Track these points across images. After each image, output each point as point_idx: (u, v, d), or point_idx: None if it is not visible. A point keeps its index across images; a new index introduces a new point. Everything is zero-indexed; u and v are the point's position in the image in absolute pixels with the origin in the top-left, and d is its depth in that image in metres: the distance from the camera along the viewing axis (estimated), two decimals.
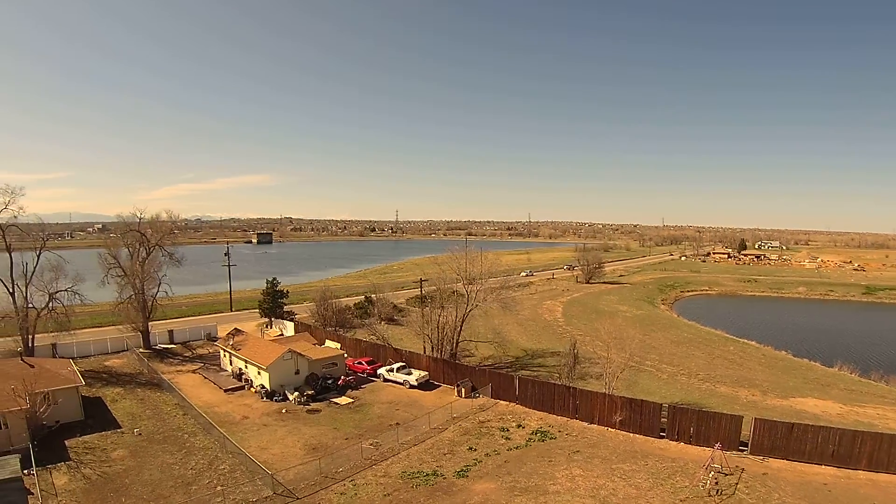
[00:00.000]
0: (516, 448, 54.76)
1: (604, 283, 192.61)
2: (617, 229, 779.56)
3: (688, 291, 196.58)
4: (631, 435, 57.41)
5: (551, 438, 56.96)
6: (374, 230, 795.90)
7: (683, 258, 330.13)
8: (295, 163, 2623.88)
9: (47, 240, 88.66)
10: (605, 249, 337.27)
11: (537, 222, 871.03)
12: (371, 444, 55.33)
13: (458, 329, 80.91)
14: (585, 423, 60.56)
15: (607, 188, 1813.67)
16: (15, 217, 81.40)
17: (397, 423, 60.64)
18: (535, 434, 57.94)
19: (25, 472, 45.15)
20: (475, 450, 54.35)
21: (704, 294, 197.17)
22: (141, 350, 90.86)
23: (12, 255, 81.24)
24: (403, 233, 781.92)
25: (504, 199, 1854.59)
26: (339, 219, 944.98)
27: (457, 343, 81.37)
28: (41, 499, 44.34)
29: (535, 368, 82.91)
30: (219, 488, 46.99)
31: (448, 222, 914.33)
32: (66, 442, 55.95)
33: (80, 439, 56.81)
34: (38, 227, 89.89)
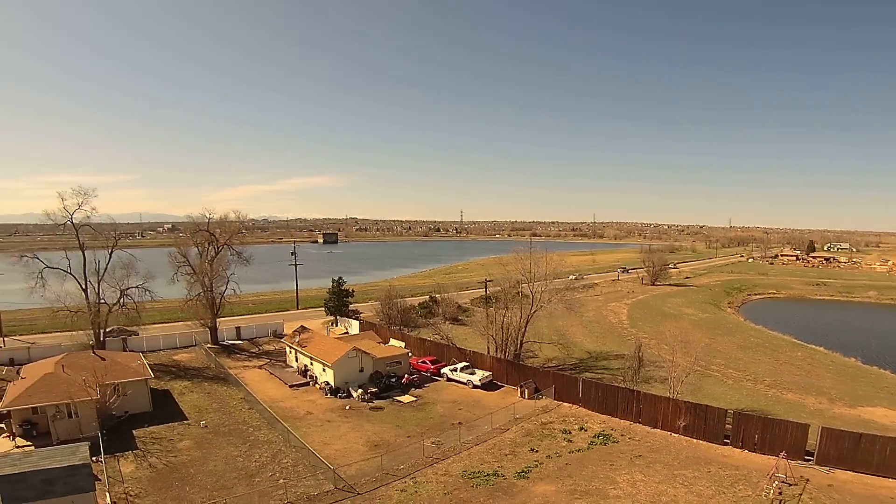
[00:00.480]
0: (578, 451, 53.86)
1: (669, 285, 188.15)
2: (683, 230, 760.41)
3: (755, 294, 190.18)
4: (694, 441, 55.88)
5: (613, 442, 55.88)
6: (438, 230, 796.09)
7: (750, 260, 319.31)
8: (361, 164, 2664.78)
9: (119, 239, 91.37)
10: (670, 251, 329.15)
11: (602, 223, 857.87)
12: (433, 443, 55.16)
13: (523, 330, 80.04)
14: (648, 428, 59.20)
15: (673, 188, 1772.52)
16: (88, 217, 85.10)
17: (459, 423, 60.24)
18: (598, 437, 56.91)
19: (94, 459, 46.29)
20: (536, 451, 53.65)
21: (772, 297, 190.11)
22: (209, 345, 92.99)
23: (85, 253, 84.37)
24: (468, 233, 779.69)
25: (569, 199, 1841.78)
26: (403, 219, 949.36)
27: (521, 344, 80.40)
28: (108, 485, 45.57)
29: (598, 371, 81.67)
30: (281, 481, 47.40)
31: (512, 223, 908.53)
32: (134, 432, 57.51)
33: (147, 430, 58.30)
34: (110, 227, 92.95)
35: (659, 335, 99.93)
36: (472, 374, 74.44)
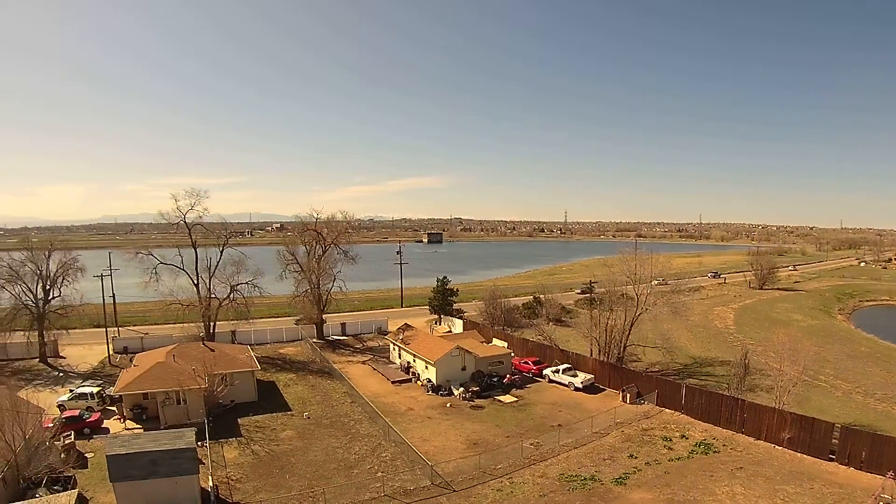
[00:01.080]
0: (678, 459, 51.40)
1: (777, 289, 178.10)
2: (792, 231, 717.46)
3: (866, 301, 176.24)
4: (798, 455, 52.20)
5: (714, 452, 53.02)
6: (542, 231, 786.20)
7: (862, 264, 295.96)
8: (465, 164, 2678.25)
9: (229, 237, 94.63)
10: (778, 253, 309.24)
11: (708, 224, 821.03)
12: (531, 444, 53.97)
13: (627, 333, 77.71)
14: (751, 439, 55.88)
15: (781, 188, 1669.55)
16: (200, 217, 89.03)
17: (559, 425, 58.83)
18: (699, 446, 54.14)
19: (199, 444, 47.37)
20: (636, 457, 51.55)
21: (885, 304, 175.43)
22: (314, 340, 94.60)
23: (197, 250, 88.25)
24: (572, 234, 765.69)
25: (674, 199, 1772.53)
26: (507, 219, 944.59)
27: (624, 347, 78.09)
28: (211, 469, 46.69)
29: (702, 377, 78.39)
30: (379, 474, 47.35)
31: (617, 223, 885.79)
32: (239, 420, 58.98)
33: (252, 418, 59.68)
34: (220, 226, 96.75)
35: (766, 342, 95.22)
36: (574, 376, 72.58)
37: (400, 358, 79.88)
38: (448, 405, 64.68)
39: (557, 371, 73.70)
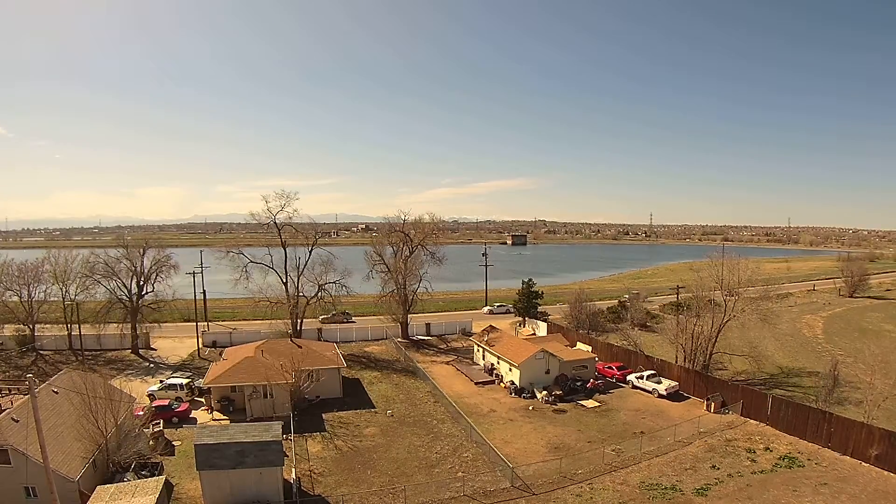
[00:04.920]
0: (761, 472, 49.19)
1: (868, 297, 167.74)
2: (884, 237, 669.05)
3: None
4: (885, 473, 49.01)
5: (799, 466, 50.48)
6: (627, 234, 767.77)
7: None
8: (550, 167, 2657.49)
9: (318, 237, 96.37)
10: (870, 259, 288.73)
11: (797, 227, 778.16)
12: (613, 450, 52.85)
13: (713, 340, 75.20)
14: (837, 454, 52.82)
15: (873, 191, 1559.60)
16: (290, 217, 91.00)
17: (641, 432, 57.36)
18: (783, 459, 51.69)
19: (284, 437, 48.21)
20: (718, 468, 49.72)
21: None
22: (399, 339, 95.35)
23: (286, 249, 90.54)
24: (657, 237, 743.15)
25: (762, 202, 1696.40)
26: (592, 222, 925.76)
27: (710, 355, 75.71)
28: (295, 461, 47.70)
29: (789, 388, 74.75)
30: (460, 474, 47.29)
31: (703, 227, 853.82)
32: (323, 415, 60.14)
33: (336, 414, 60.76)
34: (309, 226, 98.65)
35: (856, 353, 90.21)
36: (658, 382, 70.74)
37: (484, 359, 79.63)
38: (531, 408, 64.04)
39: (642, 377, 72.11)
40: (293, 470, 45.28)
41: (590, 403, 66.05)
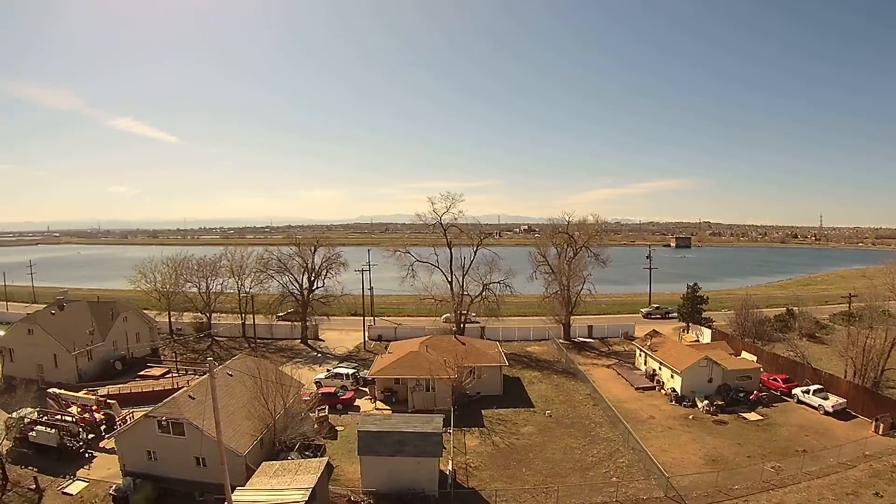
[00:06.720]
0: None
1: None
2: None
3: None
4: None
5: None
6: (795, 237, 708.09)
7: None
8: (714, 168, 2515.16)
9: (482, 238, 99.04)
10: None
11: None
12: (772, 468, 50.59)
13: (886, 354, 68.82)
14: None
15: None
16: (455, 218, 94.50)
17: (804, 450, 54.28)
18: None
19: (445, 429, 50.15)
20: (881, 496, 45.85)
21: None
22: (560, 340, 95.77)
23: (452, 249, 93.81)
24: (827, 240, 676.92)
25: None
26: (758, 224, 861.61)
27: (882, 370, 69.46)
28: (452, 454, 49.53)
29: None
30: (614, 479, 47.30)
31: (876, 229, 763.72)
32: (482, 411, 61.91)
33: (495, 411, 62.38)
34: (474, 227, 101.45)
35: None
36: (825, 398, 66.17)
37: (645, 364, 78.48)
38: (690, 417, 62.60)
39: (808, 391, 67.80)
40: (450, 462, 47.25)
41: (752, 416, 63.44)
